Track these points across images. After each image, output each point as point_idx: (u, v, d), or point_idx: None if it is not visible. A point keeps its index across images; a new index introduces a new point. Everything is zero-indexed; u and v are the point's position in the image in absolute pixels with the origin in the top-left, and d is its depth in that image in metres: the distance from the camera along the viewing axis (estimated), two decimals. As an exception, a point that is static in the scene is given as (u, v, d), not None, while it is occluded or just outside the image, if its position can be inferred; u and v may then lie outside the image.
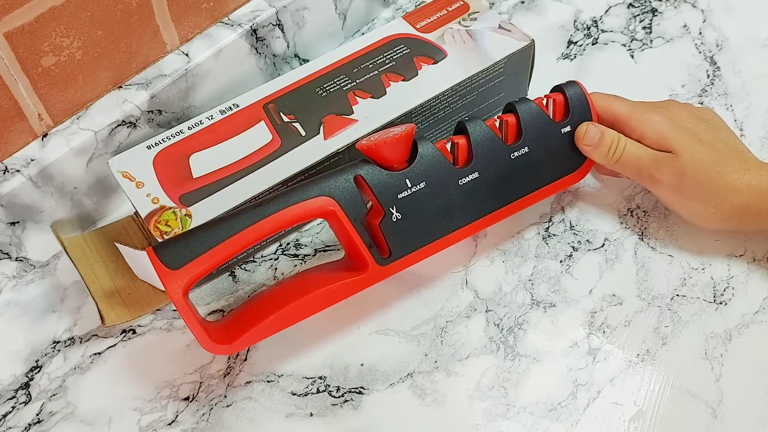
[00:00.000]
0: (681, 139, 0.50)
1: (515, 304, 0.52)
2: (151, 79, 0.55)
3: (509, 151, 0.51)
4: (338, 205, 0.47)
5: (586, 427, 0.47)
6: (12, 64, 0.48)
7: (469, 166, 0.50)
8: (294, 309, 0.47)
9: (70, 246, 0.55)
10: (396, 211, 0.48)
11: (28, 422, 0.49)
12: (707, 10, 0.68)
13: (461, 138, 0.50)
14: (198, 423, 0.49)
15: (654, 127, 0.51)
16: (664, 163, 0.50)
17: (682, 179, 0.50)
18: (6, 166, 0.51)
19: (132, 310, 0.52)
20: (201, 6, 0.56)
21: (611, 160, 0.52)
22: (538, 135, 0.51)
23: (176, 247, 0.45)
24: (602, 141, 0.52)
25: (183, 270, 0.44)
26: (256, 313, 0.47)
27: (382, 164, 0.48)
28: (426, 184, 0.48)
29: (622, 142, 0.52)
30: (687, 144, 0.50)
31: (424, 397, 0.49)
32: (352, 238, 0.47)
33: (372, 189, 0.47)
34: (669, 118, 0.51)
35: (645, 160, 0.51)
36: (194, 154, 0.53)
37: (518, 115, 0.51)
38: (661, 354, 0.50)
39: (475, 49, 0.58)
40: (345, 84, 0.57)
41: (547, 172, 0.53)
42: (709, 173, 0.49)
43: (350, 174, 0.47)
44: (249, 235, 0.45)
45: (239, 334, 0.46)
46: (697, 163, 0.49)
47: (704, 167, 0.49)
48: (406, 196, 0.48)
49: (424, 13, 0.61)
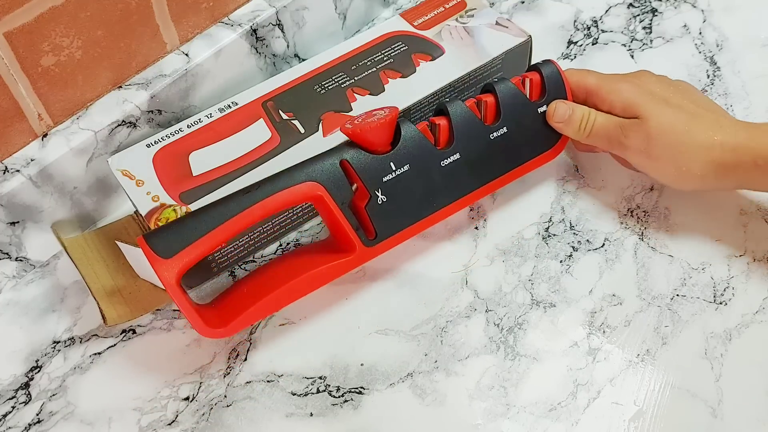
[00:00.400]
0: (646, 103, 0.51)
1: (515, 304, 0.52)
2: (151, 79, 0.55)
3: (488, 132, 0.52)
4: (325, 189, 0.48)
5: (586, 427, 0.47)
6: (12, 64, 0.48)
7: (450, 148, 0.51)
8: (285, 291, 0.49)
9: (70, 246, 0.55)
10: (381, 194, 0.49)
11: (28, 422, 0.49)
12: (707, 10, 0.68)
13: (442, 119, 0.51)
14: (198, 423, 0.49)
15: (621, 95, 0.52)
16: (630, 129, 0.51)
17: (650, 142, 0.50)
18: (6, 166, 0.51)
19: (134, 309, 0.52)
20: (201, 6, 0.56)
21: (583, 135, 0.53)
22: (516, 115, 0.53)
23: (167, 236, 0.45)
24: (572, 117, 0.53)
25: (175, 258, 0.45)
26: (248, 297, 0.48)
27: (366, 148, 0.49)
28: (410, 166, 0.50)
29: (592, 116, 0.53)
30: (652, 107, 0.50)
31: (424, 397, 0.49)
32: (339, 222, 0.49)
33: (357, 173, 0.48)
34: (637, 85, 0.52)
35: (612, 128, 0.52)
36: (194, 152, 0.53)
37: (497, 95, 0.52)
38: (661, 354, 0.50)
39: (473, 46, 0.58)
40: (343, 81, 0.57)
41: (525, 151, 0.54)
42: (677, 133, 0.50)
43: (336, 158, 0.48)
44: (239, 221, 0.46)
45: (232, 317, 0.47)
46: (663, 124, 0.50)
47: (671, 128, 0.50)
48: (390, 179, 0.49)
49: (421, 10, 0.62)
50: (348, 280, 0.54)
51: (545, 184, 0.58)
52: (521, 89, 0.53)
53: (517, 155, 0.54)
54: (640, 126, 0.50)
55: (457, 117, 0.51)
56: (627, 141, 0.51)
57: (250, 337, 0.52)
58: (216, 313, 0.48)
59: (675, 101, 0.51)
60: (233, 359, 0.51)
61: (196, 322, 0.46)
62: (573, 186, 0.58)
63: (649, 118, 0.50)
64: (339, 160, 0.48)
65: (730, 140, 0.49)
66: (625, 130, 0.51)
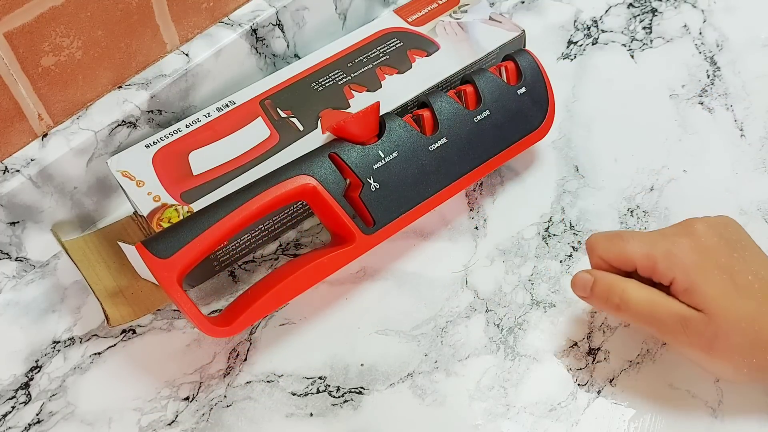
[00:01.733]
0: (715, 292, 0.42)
1: (515, 304, 0.52)
2: (151, 79, 0.55)
3: (472, 116, 0.53)
4: (317, 181, 0.49)
5: (586, 427, 0.47)
6: (12, 64, 0.48)
7: (437, 133, 0.52)
8: (288, 285, 0.49)
9: (71, 248, 0.55)
10: (373, 181, 0.50)
11: (28, 422, 0.49)
12: (707, 10, 0.68)
13: (425, 110, 0.53)
14: (198, 423, 0.49)
15: (686, 272, 0.43)
16: (692, 326, 0.43)
17: (715, 341, 0.42)
18: (6, 166, 0.51)
19: (136, 309, 0.52)
20: (201, 6, 0.56)
21: (615, 310, 0.45)
22: (496, 98, 0.54)
23: (165, 239, 0.46)
24: (595, 290, 0.46)
25: (173, 258, 0.45)
26: (251, 295, 0.49)
27: (353, 140, 0.50)
28: (398, 153, 0.51)
29: (620, 285, 0.45)
30: (722, 301, 0.42)
31: (424, 397, 0.49)
32: (335, 212, 0.49)
33: (347, 163, 0.50)
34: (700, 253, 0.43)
35: (666, 315, 0.43)
36: (193, 151, 0.53)
37: (475, 84, 0.54)
38: (661, 354, 0.50)
39: (467, 41, 0.59)
40: (340, 78, 0.57)
41: (511, 132, 0.55)
42: (745, 332, 0.42)
43: (325, 152, 0.50)
44: (234, 218, 0.47)
45: (236, 315, 0.47)
46: (732, 322, 0.42)
47: (740, 326, 0.42)
48: (380, 165, 0.50)
49: (415, 6, 0.62)
50: (348, 280, 0.54)
51: (545, 184, 0.58)
52: (498, 76, 0.55)
53: (504, 137, 0.55)
54: (706, 325, 0.42)
55: (439, 105, 0.53)
56: (688, 339, 0.43)
57: (250, 337, 0.52)
58: (220, 314, 0.49)
59: (741, 280, 0.43)
60: (233, 359, 0.51)
61: (199, 320, 0.46)
62: (573, 186, 0.58)
63: (718, 315, 0.42)
64: (328, 153, 0.50)
65: None
66: (688, 326, 0.43)
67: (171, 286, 0.45)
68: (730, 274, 0.43)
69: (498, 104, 0.54)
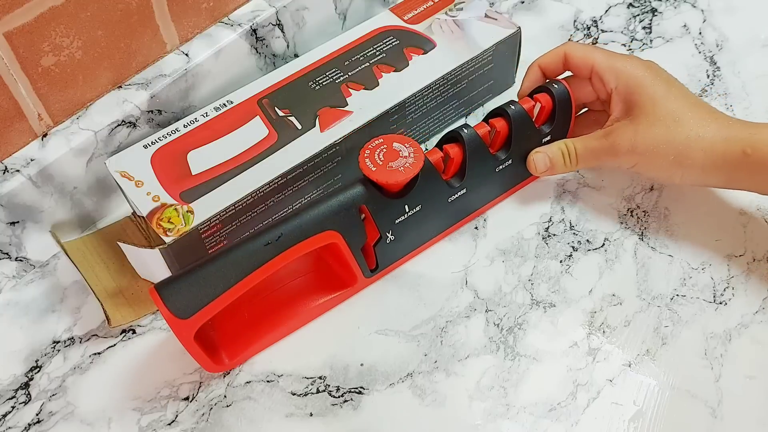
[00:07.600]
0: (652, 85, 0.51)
1: (515, 304, 0.52)
2: (151, 79, 0.55)
3: (495, 165, 0.53)
4: (342, 237, 0.48)
5: (586, 427, 0.47)
6: (12, 64, 0.48)
7: (460, 184, 0.52)
8: (288, 326, 0.51)
9: (70, 249, 0.55)
10: (391, 234, 0.50)
11: (28, 422, 0.49)
12: (707, 10, 0.68)
13: (455, 147, 0.51)
14: (198, 423, 0.49)
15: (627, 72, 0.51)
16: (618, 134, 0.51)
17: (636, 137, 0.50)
18: (6, 166, 0.51)
19: (137, 309, 0.52)
20: (201, 6, 0.56)
21: (573, 166, 0.54)
22: (522, 145, 0.54)
23: (183, 294, 0.44)
24: (553, 160, 0.54)
25: (193, 319, 0.44)
26: (250, 329, 0.51)
27: (384, 190, 0.49)
28: (422, 207, 0.51)
29: (569, 146, 0.53)
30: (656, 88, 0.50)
31: (423, 397, 0.49)
32: (347, 262, 0.50)
33: (373, 217, 0.49)
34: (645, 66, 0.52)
35: (596, 143, 0.52)
36: (192, 151, 0.53)
37: (510, 125, 0.52)
38: (661, 354, 0.50)
39: (463, 38, 0.59)
40: (337, 77, 0.57)
41: (521, 174, 0.56)
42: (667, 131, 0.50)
43: (356, 204, 0.48)
44: (257, 276, 0.46)
45: (237, 352, 0.50)
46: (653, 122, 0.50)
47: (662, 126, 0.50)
48: (402, 220, 0.50)
49: (411, 4, 0.62)
50: (348, 280, 0.54)
51: (545, 183, 0.58)
52: (531, 117, 0.53)
53: (514, 179, 0.56)
54: (627, 126, 0.51)
55: (471, 148, 0.51)
56: (616, 144, 0.51)
57: (250, 337, 0.52)
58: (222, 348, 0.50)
59: (676, 89, 0.51)
60: (233, 359, 0.51)
61: (206, 364, 0.48)
62: (573, 186, 0.58)
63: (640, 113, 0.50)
64: (359, 206, 0.48)
65: (722, 130, 0.49)
66: (610, 136, 0.51)
67: (189, 343, 0.46)
68: (668, 85, 0.51)
69: (521, 151, 0.54)
